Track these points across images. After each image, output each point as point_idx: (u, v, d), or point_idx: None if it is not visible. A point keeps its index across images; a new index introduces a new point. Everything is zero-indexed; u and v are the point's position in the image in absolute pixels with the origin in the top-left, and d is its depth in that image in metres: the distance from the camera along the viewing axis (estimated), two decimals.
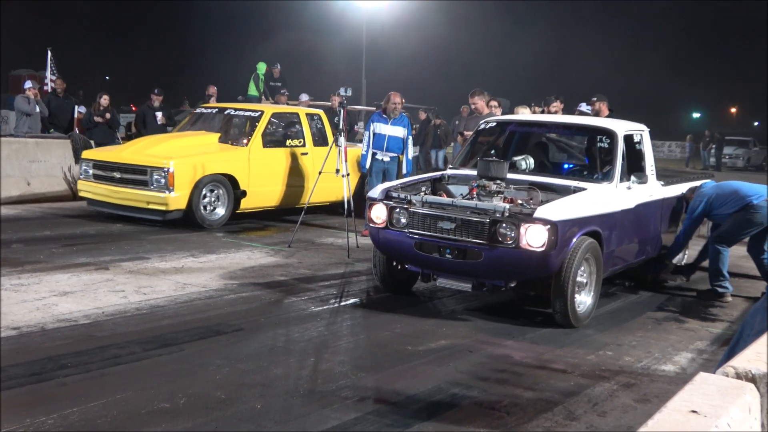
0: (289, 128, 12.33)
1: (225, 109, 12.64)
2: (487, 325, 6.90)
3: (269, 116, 12.00)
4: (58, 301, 6.72)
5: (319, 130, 12.62)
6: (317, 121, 12.70)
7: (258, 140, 11.62)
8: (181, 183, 10.55)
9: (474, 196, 7.15)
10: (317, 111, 13.17)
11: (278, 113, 12.54)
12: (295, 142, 12.17)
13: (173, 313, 6.64)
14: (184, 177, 10.58)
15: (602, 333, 6.86)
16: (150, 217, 10.68)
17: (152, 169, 10.59)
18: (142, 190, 10.64)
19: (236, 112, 12.43)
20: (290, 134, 12.24)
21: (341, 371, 5.42)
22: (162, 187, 10.50)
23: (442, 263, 6.91)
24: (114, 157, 11.22)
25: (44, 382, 4.88)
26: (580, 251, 6.72)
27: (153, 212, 10.64)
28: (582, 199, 7.06)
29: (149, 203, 10.60)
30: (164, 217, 10.61)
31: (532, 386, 5.35)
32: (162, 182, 10.49)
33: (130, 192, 10.76)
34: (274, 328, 6.38)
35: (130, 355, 5.49)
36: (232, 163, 11.22)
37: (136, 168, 10.80)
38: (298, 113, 12.65)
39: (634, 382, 5.59)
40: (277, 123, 12.33)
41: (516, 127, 8.99)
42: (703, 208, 8.28)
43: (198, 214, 10.73)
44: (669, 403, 2.05)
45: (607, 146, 8.03)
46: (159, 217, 10.66)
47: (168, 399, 4.71)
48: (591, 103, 11.75)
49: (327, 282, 8.19)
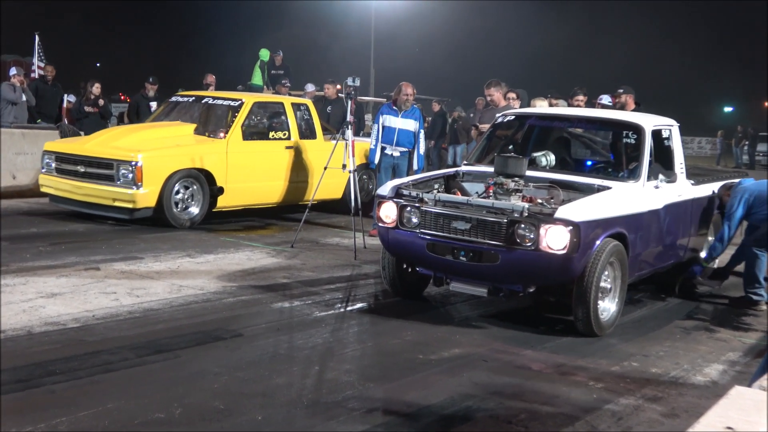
0: (273, 119, 12.11)
1: (202, 98, 12.39)
2: (503, 333, 6.90)
3: (250, 106, 11.74)
4: (46, 303, 6.73)
5: (306, 121, 12.41)
6: (304, 111, 12.47)
7: (237, 132, 11.37)
8: (151, 178, 10.31)
9: (490, 195, 7.13)
10: (304, 101, 13.05)
11: (261, 103, 12.30)
12: (279, 135, 11.96)
13: (168, 317, 6.65)
14: (153, 172, 10.34)
15: (627, 343, 6.84)
16: (116, 215, 10.47)
17: (119, 163, 10.34)
18: (108, 186, 10.41)
19: (214, 101, 12.15)
20: (274, 126, 12.03)
21: (347, 381, 5.42)
22: (129, 183, 10.24)
23: (456, 266, 6.90)
24: (78, 149, 10.96)
25: (31, 390, 4.88)
26: (604, 255, 6.71)
27: (119, 210, 10.41)
28: (606, 199, 7.04)
29: (115, 200, 10.37)
30: (132, 215, 10.40)
31: (552, 399, 5.34)
32: (129, 177, 10.22)
33: (95, 188, 10.52)
34: (276, 334, 6.38)
35: (123, 361, 5.49)
36: (207, 157, 10.96)
37: (101, 161, 10.55)
38: (283, 103, 12.41)
39: (661, 395, 5.57)
40: (260, 113, 12.11)
41: (536, 120, 8.97)
42: (742, 208, 8.24)
43: (169, 212, 10.51)
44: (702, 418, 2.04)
45: (633, 142, 8.01)
46: (126, 216, 10.43)
47: (162, 409, 4.71)
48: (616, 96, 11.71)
49: (332, 285, 8.19)
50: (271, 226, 11.65)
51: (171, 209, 10.54)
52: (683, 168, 8.40)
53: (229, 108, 11.84)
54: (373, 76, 35.48)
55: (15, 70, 15.47)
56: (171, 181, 10.50)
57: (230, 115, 11.71)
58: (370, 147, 11.36)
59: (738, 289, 8.61)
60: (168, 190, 10.46)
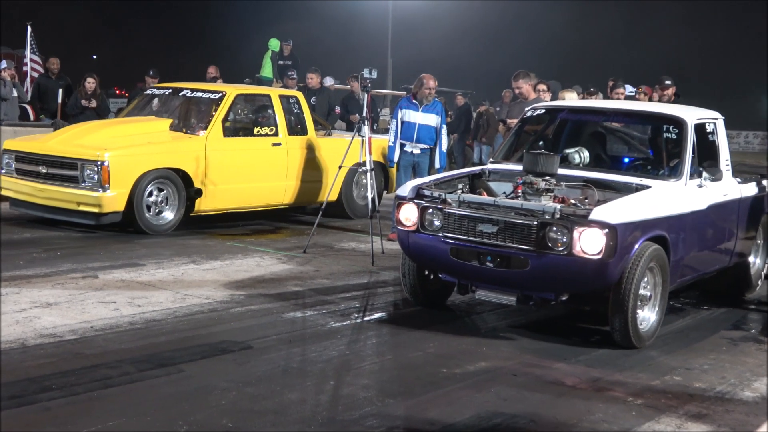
0: (259, 114, 11.83)
1: (180, 90, 12.00)
2: (534, 344, 6.89)
3: (232, 99, 11.40)
4: (41, 314, 6.77)
5: (296, 115, 12.10)
6: (294, 104, 12.14)
7: (217, 128, 11.05)
8: (119, 180, 9.98)
9: (519, 195, 7.13)
10: (294, 92, 12.74)
11: (245, 95, 11.99)
12: (265, 130, 11.65)
13: (172, 328, 6.68)
14: (122, 172, 10.02)
15: (668, 355, 6.82)
16: (81, 220, 10.21)
17: (83, 163, 10.03)
18: (72, 189, 10.11)
19: (193, 94, 11.78)
20: (260, 121, 11.74)
21: (365, 397, 5.43)
22: (95, 185, 9.93)
23: (482, 272, 6.89)
24: (39, 147, 10.64)
25: (25, 407, 4.90)
26: (644, 259, 6.68)
27: (84, 215, 10.12)
28: (646, 199, 7.02)
29: (80, 204, 10.06)
30: (98, 221, 10.13)
31: (587, 417, 5.32)
32: (95, 179, 9.92)
33: (58, 190, 10.23)
34: (288, 347, 6.40)
35: (123, 376, 5.51)
36: (183, 156, 10.65)
37: (64, 161, 10.25)
38: (270, 95, 12.07)
39: (706, 412, 5.55)
40: (244, 107, 11.87)
41: (568, 114, 8.95)
42: None
43: (140, 217, 10.21)
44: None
45: (675, 137, 7.98)
46: (91, 221, 10.16)
47: (166, 426, 4.73)
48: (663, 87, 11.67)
49: (348, 293, 8.21)
50: (282, 230, 11.68)
51: (142, 214, 10.24)
52: (729, 165, 8.36)
53: (210, 101, 11.50)
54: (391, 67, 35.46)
55: (5, 64, 15.61)
56: (142, 182, 10.18)
57: (211, 110, 11.37)
58: (389, 144, 11.37)
59: None
60: (139, 193, 10.15)
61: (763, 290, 9.37)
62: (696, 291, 8.90)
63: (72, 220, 10.29)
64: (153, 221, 10.40)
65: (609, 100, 12.03)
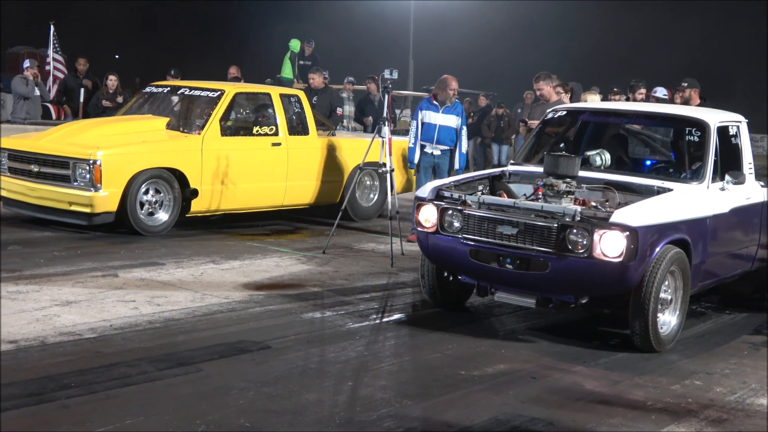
0: (259, 113, 11.61)
1: (179, 88, 11.81)
2: (553, 347, 6.87)
3: (231, 97, 11.15)
4: (61, 312, 6.81)
5: (298, 114, 11.87)
6: (295, 103, 11.90)
7: (215, 127, 10.80)
8: (111, 179, 9.76)
9: (540, 197, 7.12)
10: (295, 91, 12.52)
11: (244, 94, 11.75)
12: (264, 130, 11.38)
13: (190, 327, 6.70)
14: (114, 172, 9.80)
15: (689, 359, 6.78)
16: (72, 221, 10.01)
17: (75, 161, 9.82)
18: (64, 188, 9.92)
19: (191, 92, 11.54)
20: (259, 120, 11.52)
21: (383, 398, 5.43)
22: (87, 184, 9.72)
23: (502, 274, 6.88)
24: (31, 146, 10.47)
25: (44, 404, 4.93)
26: (665, 263, 6.65)
27: (76, 215, 9.91)
28: (667, 202, 6.99)
29: (71, 204, 9.85)
30: (89, 221, 9.92)
31: (606, 420, 5.30)
32: (87, 178, 9.71)
33: (50, 190, 10.03)
34: (307, 347, 6.41)
35: (142, 374, 5.54)
36: (179, 155, 10.42)
37: (56, 160, 10.05)
38: (270, 94, 11.78)
39: (726, 417, 5.52)
40: (244, 106, 11.71)
41: (590, 116, 8.93)
42: None
43: (133, 217, 9.98)
44: None
45: (697, 140, 7.94)
46: (83, 222, 9.94)
47: (184, 426, 4.75)
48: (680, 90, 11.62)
49: (367, 294, 8.21)
50: (302, 230, 11.69)
51: (136, 214, 10.00)
52: (752, 168, 8.31)
53: (208, 100, 11.24)
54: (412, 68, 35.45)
55: (28, 63, 15.68)
56: (136, 182, 9.94)
57: (209, 108, 11.11)
58: (409, 145, 11.36)
59: None
60: (132, 193, 9.92)
61: None
62: (717, 295, 8.85)
63: (64, 220, 10.10)
64: (147, 222, 10.18)
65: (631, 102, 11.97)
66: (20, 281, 7.68)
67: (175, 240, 10.19)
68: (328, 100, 14.66)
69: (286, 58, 19.10)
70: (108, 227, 10.13)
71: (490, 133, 20.69)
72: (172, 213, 10.38)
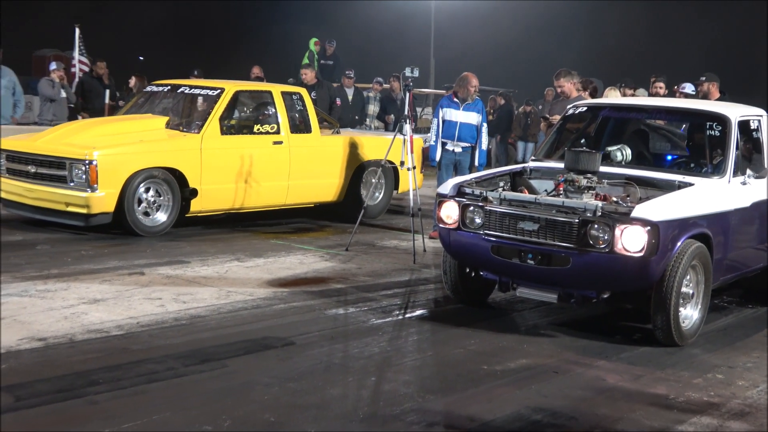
0: (260, 111, 11.46)
1: (179, 87, 11.60)
2: (575, 342, 6.86)
3: (231, 95, 10.94)
4: (88, 310, 6.86)
5: (300, 112, 11.68)
6: (297, 101, 11.70)
7: (214, 125, 10.60)
8: (108, 179, 9.59)
9: (561, 193, 7.11)
10: (297, 89, 12.26)
11: (244, 92, 11.49)
12: (266, 128, 11.20)
13: (216, 324, 6.74)
14: (111, 172, 9.62)
15: (711, 353, 6.76)
16: (69, 222, 9.84)
17: (71, 162, 9.65)
18: (60, 189, 9.74)
19: (191, 91, 11.38)
20: (260, 118, 11.34)
21: (406, 393, 5.44)
22: (83, 185, 9.56)
23: (523, 270, 6.88)
24: (28, 146, 10.29)
25: (73, 400, 4.98)
26: (686, 257, 6.62)
27: (73, 216, 9.75)
28: (688, 197, 6.96)
29: (68, 205, 9.69)
30: (86, 222, 9.74)
31: (629, 414, 5.29)
32: (83, 178, 9.55)
33: (46, 191, 9.86)
34: (330, 343, 6.43)
35: (168, 371, 5.58)
36: (178, 155, 10.22)
37: (52, 160, 9.88)
38: (272, 91, 11.54)
39: (748, 410, 5.49)
40: (244, 104, 11.53)
41: (610, 112, 8.89)
42: None
43: (131, 218, 9.80)
44: None
45: (718, 134, 7.89)
46: (80, 222, 9.77)
47: (210, 421, 4.78)
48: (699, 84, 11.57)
49: (390, 291, 8.22)
50: (325, 228, 11.70)
51: (133, 214, 9.83)
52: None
53: (208, 98, 11.05)
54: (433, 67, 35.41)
55: (54, 65, 15.78)
56: (133, 182, 9.77)
57: (208, 107, 10.93)
58: (430, 143, 11.35)
59: None
60: (130, 193, 9.74)
61: None
62: (739, 289, 8.80)
63: (61, 221, 9.96)
64: (145, 222, 10.01)
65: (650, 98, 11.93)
66: (49, 280, 7.75)
67: (201, 238, 10.25)
68: (327, 93, 14.55)
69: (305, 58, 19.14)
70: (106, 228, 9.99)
71: (519, 131, 20.62)
72: (171, 213, 10.21)
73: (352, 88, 16.63)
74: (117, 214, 9.78)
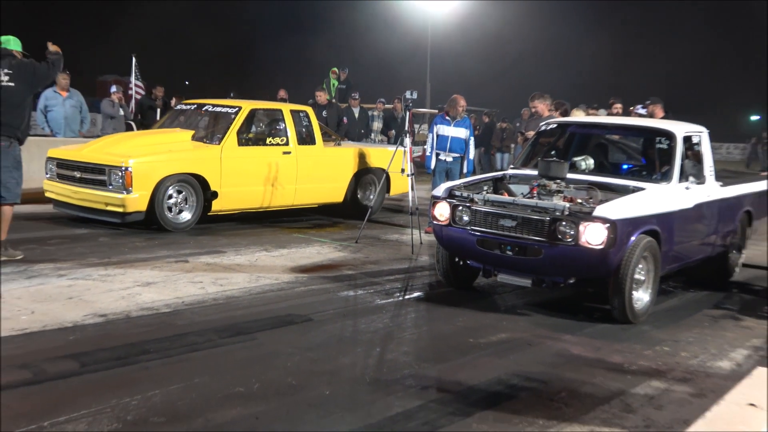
0: (272, 126, 11.31)
1: (203, 105, 11.58)
2: (546, 320, 6.85)
3: (246, 113, 10.89)
4: (142, 291, 6.88)
5: (306, 128, 11.54)
6: (303, 118, 11.59)
7: (232, 138, 10.57)
8: (141, 183, 9.59)
9: (534, 195, 7.10)
10: (304, 107, 12.03)
11: (259, 110, 11.33)
12: (276, 140, 11.09)
13: (247, 303, 6.74)
14: (143, 177, 9.62)
15: (659, 329, 6.74)
16: (108, 219, 9.77)
17: (110, 168, 9.64)
18: (101, 191, 9.71)
19: (214, 109, 11.29)
20: (272, 132, 11.19)
21: (405, 361, 5.44)
22: (120, 188, 9.53)
23: (503, 260, 6.87)
24: (75, 155, 10.27)
25: (128, 366, 5.00)
26: (639, 249, 6.61)
27: (111, 214, 9.71)
28: (640, 199, 6.94)
29: (107, 204, 9.69)
30: (123, 219, 9.70)
31: (590, 379, 5.29)
32: (120, 182, 9.52)
33: (90, 192, 9.83)
34: (342, 319, 6.43)
35: (208, 342, 5.59)
36: (201, 163, 10.19)
37: (94, 167, 9.86)
38: (282, 110, 11.45)
39: (690, 377, 5.48)
40: (258, 120, 11.30)
41: (576, 128, 8.88)
42: None
43: (161, 215, 9.78)
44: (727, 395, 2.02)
45: (666, 147, 7.88)
46: (117, 220, 9.74)
47: (242, 384, 4.79)
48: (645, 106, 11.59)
49: (392, 276, 8.21)
50: (338, 224, 11.69)
51: (163, 213, 9.80)
52: (713, 171, 8.23)
53: (227, 115, 10.98)
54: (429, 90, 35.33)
55: (114, 88, 15.79)
56: (162, 185, 9.76)
57: (228, 122, 10.83)
58: (426, 154, 11.35)
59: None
60: (160, 195, 9.74)
61: (739, 277, 9.25)
62: (683, 276, 8.78)
63: (101, 218, 9.88)
64: (173, 220, 9.96)
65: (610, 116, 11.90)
66: (109, 266, 7.76)
67: (235, 232, 10.26)
68: (336, 113, 14.59)
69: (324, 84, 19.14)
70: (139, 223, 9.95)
71: (497, 143, 20.61)
72: (195, 212, 10.16)
73: (358, 108, 16.59)
74: (149, 213, 9.74)
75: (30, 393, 4.48)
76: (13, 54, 7.93)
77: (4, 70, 7.79)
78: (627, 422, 4.57)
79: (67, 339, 5.45)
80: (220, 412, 4.36)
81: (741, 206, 8.86)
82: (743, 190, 8.90)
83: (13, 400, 4.34)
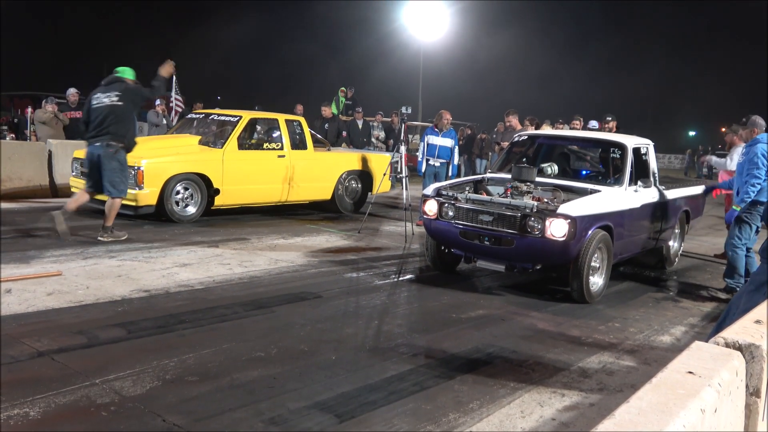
0: (269, 133, 10.98)
1: (210, 114, 11.36)
2: (517, 299, 6.84)
3: (246, 121, 10.61)
4: (179, 271, 6.86)
5: (299, 135, 11.25)
6: (297, 126, 11.29)
7: (233, 143, 10.29)
8: (151, 181, 9.39)
9: (508, 195, 7.08)
10: (298, 117, 11.63)
11: (257, 119, 10.99)
12: (272, 145, 10.79)
13: (268, 282, 6.72)
14: (154, 175, 9.40)
15: (611, 308, 6.74)
16: (123, 212, 9.28)
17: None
18: None
19: (219, 117, 11.00)
20: (269, 138, 10.88)
21: (399, 332, 5.43)
22: (133, 185, 9.27)
23: (482, 248, 6.85)
24: None
25: (167, 333, 4.99)
26: (595, 241, 6.61)
27: (125, 207, 9.30)
28: (597, 199, 6.93)
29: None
30: (136, 212, 9.46)
31: (553, 349, 5.28)
32: (133, 180, 9.26)
33: None
34: (346, 297, 6.41)
35: (234, 314, 5.57)
36: (205, 164, 9.95)
37: None
38: (278, 119, 11.10)
39: (637, 348, 5.48)
40: (258, 128, 11.03)
41: (544, 140, 8.86)
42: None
43: (169, 209, 9.56)
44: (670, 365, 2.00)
45: (618, 156, 7.87)
46: (131, 212, 9.46)
47: (263, 349, 4.78)
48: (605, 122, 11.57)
49: (389, 261, 8.19)
50: (344, 218, 11.66)
51: (171, 207, 9.60)
52: (656, 177, 8.23)
53: (230, 123, 10.70)
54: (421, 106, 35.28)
55: (158, 101, 15.76)
56: (171, 183, 9.55)
57: (230, 129, 10.56)
58: (418, 159, 11.33)
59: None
60: (168, 191, 9.53)
61: (678, 265, 9.24)
62: (632, 264, 8.78)
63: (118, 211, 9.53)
64: (180, 213, 9.73)
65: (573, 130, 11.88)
66: (152, 249, 7.73)
67: (257, 222, 10.22)
68: (337, 127, 14.49)
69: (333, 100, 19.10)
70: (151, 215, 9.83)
71: (477, 151, 20.59)
72: (199, 207, 9.91)
73: (362, 120, 16.55)
74: (158, 207, 9.55)
75: (85, 355, 4.46)
76: (124, 80, 8.25)
77: (115, 92, 8.11)
78: (584, 385, 4.56)
79: (116, 310, 5.43)
80: (243, 372, 4.34)
81: (680, 207, 8.85)
82: (682, 194, 8.89)
83: (71, 361, 4.32)
